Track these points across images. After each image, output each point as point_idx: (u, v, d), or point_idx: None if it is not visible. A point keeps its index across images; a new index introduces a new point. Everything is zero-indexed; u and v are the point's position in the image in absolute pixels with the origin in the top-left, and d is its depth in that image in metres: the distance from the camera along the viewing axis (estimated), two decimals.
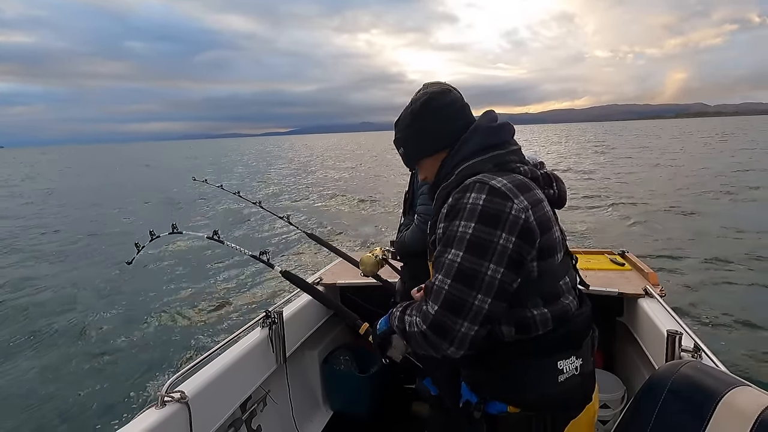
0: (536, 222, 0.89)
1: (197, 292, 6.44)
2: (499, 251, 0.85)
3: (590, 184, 14.96)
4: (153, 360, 4.55)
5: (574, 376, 0.94)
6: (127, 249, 2.44)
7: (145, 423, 1.18)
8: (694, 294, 5.23)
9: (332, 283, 2.33)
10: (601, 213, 10.31)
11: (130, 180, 24.90)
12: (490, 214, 0.86)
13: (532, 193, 0.92)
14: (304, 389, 2.22)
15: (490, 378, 0.97)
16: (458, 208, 0.90)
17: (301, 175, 23.72)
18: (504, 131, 1.02)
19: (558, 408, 0.95)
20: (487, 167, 0.95)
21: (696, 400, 0.80)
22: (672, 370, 0.89)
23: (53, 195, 19.31)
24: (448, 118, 1.05)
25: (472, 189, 0.90)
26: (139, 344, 4.93)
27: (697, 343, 1.40)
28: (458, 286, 0.86)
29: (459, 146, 1.02)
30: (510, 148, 1.01)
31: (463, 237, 0.87)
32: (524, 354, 0.93)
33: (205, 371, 1.47)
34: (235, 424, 1.68)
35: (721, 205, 10.61)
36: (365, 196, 14.14)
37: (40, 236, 10.64)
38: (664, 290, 1.92)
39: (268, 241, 9.17)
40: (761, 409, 0.71)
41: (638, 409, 0.90)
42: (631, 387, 1.97)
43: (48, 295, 6.74)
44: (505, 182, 0.90)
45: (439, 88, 1.07)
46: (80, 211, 14.29)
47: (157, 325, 5.41)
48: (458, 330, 0.86)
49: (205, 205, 14.17)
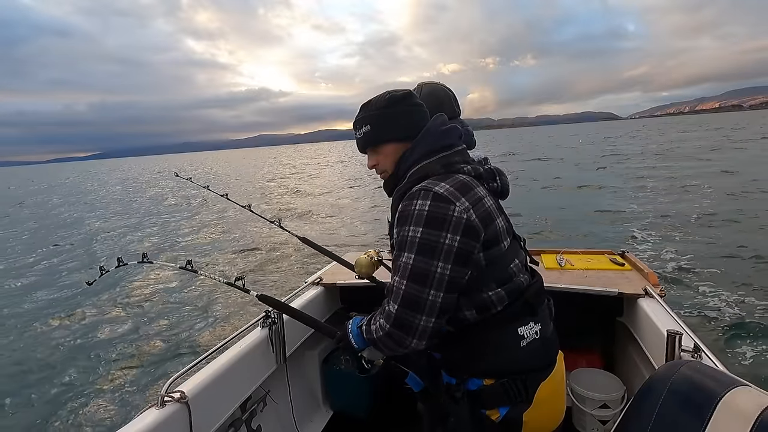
0: (478, 219, 0.99)
1: (196, 293, 6.44)
2: (446, 250, 0.96)
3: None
4: (153, 360, 4.55)
5: (535, 340, 1.06)
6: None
7: (145, 423, 1.18)
8: (694, 294, 5.23)
9: (332, 283, 2.34)
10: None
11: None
12: (435, 218, 0.97)
13: (473, 192, 1.03)
14: (304, 389, 2.22)
15: (463, 358, 1.07)
16: (407, 214, 1.01)
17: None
18: (451, 134, 1.13)
19: (526, 370, 1.05)
20: (436, 168, 1.07)
21: (696, 400, 0.80)
22: (672, 370, 0.89)
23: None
24: (422, 115, 1.15)
25: (418, 196, 1.01)
26: (138, 344, 4.93)
27: (697, 343, 1.40)
28: (413, 285, 0.97)
29: (413, 147, 1.12)
30: (456, 149, 1.12)
31: (413, 240, 0.98)
32: (487, 329, 1.04)
33: (205, 371, 1.47)
34: (235, 424, 1.68)
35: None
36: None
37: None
38: (664, 290, 1.92)
39: (259, 246, 9.15)
40: (761, 409, 0.71)
41: (638, 409, 0.90)
42: (631, 387, 1.97)
43: (40, 295, 6.75)
44: (447, 187, 1.00)
45: (407, 91, 1.17)
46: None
47: (158, 325, 5.41)
48: (418, 323, 0.97)
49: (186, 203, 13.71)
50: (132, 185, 33.13)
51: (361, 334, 1.15)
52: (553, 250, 2.47)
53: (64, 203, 22.30)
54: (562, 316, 2.05)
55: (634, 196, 12.44)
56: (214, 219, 13.23)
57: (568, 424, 2.07)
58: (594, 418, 1.95)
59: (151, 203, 18.47)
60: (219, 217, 13.32)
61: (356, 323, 1.18)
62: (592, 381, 2.01)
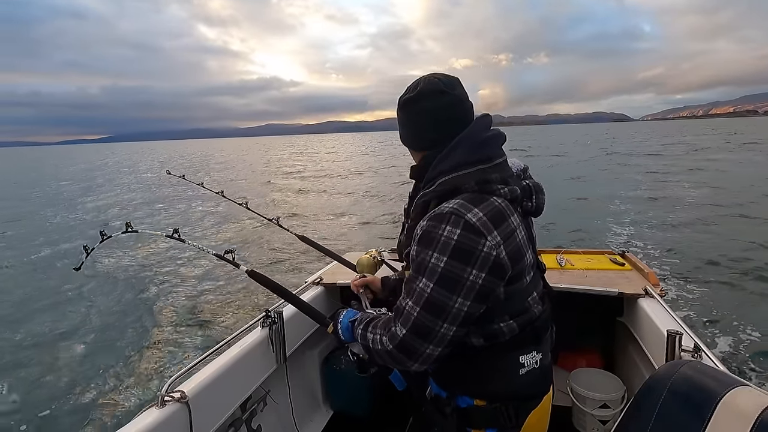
0: (507, 257, 0.92)
1: (194, 291, 6.44)
2: (468, 287, 0.90)
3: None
4: (153, 360, 4.55)
5: (534, 369, 1.02)
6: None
7: (145, 423, 1.18)
8: (694, 294, 5.23)
9: (332, 283, 2.33)
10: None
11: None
12: (463, 250, 0.89)
13: (506, 224, 0.94)
14: (304, 389, 2.22)
15: (458, 376, 1.04)
16: (432, 238, 0.92)
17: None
18: (492, 143, 1.03)
19: (520, 398, 1.02)
20: (469, 184, 0.96)
21: (696, 400, 0.80)
22: (672, 370, 0.89)
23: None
24: (431, 123, 1.04)
25: (448, 221, 0.91)
26: (138, 344, 4.93)
27: (697, 343, 1.40)
28: (427, 315, 0.92)
29: (446, 153, 1.01)
30: (495, 162, 1.01)
31: (435, 269, 0.91)
32: (491, 353, 1.00)
33: (205, 371, 1.47)
34: (235, 424, 1.68)
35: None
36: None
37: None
38: (664, 290, 1.92)
39: (256, 245, 9.12)
40: (761, 409, 0.71)
41: (638, 409, 0.90)
42: (631, 387, 1.97)
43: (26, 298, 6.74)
44: (481, 215, 0.91)
45: (433, 88, 1.02)
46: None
47: (157, 325, 5.41)
48: (424, 351, 0.93)
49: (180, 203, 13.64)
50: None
51: (350, 329, 1.14)
52: (553, 250, 2.47)
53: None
54: (562, 316, 2.05)
55: (634, 196, 12.45)
56: (209, 216, 13.19)
57: (569, 424, 2.07)
58: (594, 418, 1.95)
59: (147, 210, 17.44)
60: (213, 214, 13.26)
61: (348, 316, 1.18)
62: (592, 381, 2.01)
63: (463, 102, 1.04)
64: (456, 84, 1.03)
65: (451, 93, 1.02)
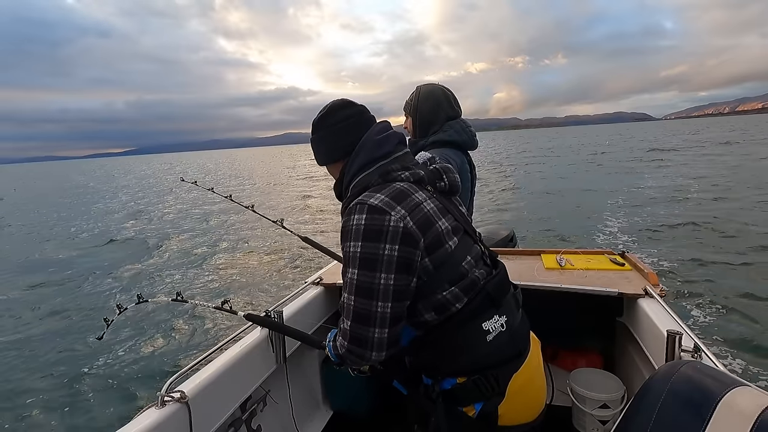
0: (416, 226, 1.00)
1: (193, 287, 6.44)
2: (386, 261, 0.97)
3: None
4: (153, 360, 4.55)
5: (502, 333, 1.06)
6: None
7: (144, 423, 1.18)
8: (694, 294, 5.23)
9: (332, 283, 2.33)
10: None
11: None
12: (373, 230, 0.98)
13: (410, 199, 1.03)
14: (304, 389, 2.22)
15: (434, 359, 1.09)
16: (347, 230, 1.02)
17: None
18: (388, 142, 1.13)
19: (495, 365, 1.05)
20: (374, 179, 1.07)
21: (696, 400, 0.80)
22: (672, 370, 0.89)
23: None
24: (342, 132, 1.15)
25: (354, 211, 1.01)
26: (138, 344, 4.93)
27: (697, 343, 1.39)
28: (361, 300, 0.99)
29: (352, 159, 1.12)
30: (393, 157, 1.12)
31: (354, 256, 0.99)
32: (452, 328, 1.04)
33: (204, 371, 1.47)
34: (235, 424, 1.68)
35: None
36: None
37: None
38: (664, 290, 1.91)
39: (261, 245, 9.13)
40: (761, 409, 0.71)
41: (638, 409, 0.90)
42: (631, 387, 1.97)
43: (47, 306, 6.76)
44: (382, 197, 1.01)
45: (340, 103, 1.17)
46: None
47: (157, 324, 5.41)
48: (372, 336, 0.99)
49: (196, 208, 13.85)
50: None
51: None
52: (553, 250, 2.47)
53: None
54: (562, 316, 2.05)
55: (634, 196, 12.45)
56: (217, 222, 13.20)
57: (568, 424, 2.08)
58: (594, 418, 1.95)
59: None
60: (221, 220, 13.29)
61: (331, 337, 1.21)
62: (592, 381, 2.01)
63: (365, 113, 1.18)
64: (357, 103, 1.19)
65: (355, 106, 1.17)
